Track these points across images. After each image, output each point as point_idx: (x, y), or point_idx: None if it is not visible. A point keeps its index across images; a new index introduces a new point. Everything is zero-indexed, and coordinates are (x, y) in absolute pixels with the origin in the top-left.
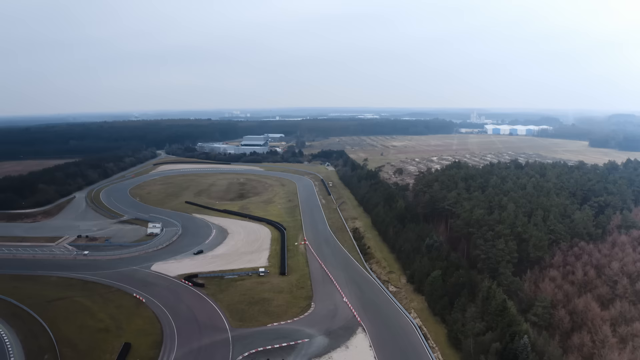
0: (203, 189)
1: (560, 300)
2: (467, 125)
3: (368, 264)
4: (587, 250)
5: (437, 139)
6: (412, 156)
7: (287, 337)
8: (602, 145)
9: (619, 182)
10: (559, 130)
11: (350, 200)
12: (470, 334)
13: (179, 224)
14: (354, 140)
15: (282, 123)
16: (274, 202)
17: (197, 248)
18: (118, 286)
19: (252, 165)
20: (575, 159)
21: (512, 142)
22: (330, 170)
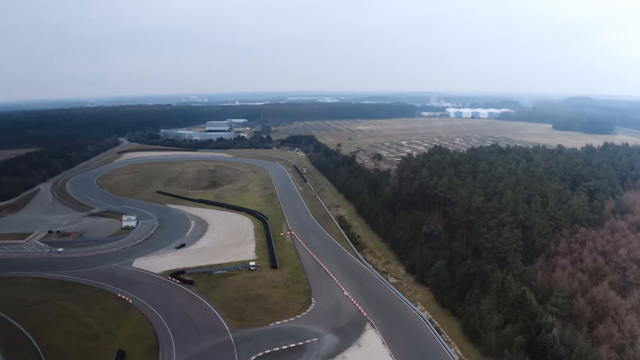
0: (173, 178)
1: (576, 290)
2: (427, 109)
3: (362, 254)
4: (590, 237)
5: (402, 123)
6: (380, 140)
7: (294, 337)
8: (565, 128)
9: (604, 167)
10: (520, 113)
11: (329, 187)
12: (491, 328)
13: (155, 216)
14: (319, 124)
15: (243, 108)
16: (249, 190)
17: (179, 241)
18: (100, 286)
19: (220, 151)
20: (542, 142)
21: (476, 125)
22: (301, 156)
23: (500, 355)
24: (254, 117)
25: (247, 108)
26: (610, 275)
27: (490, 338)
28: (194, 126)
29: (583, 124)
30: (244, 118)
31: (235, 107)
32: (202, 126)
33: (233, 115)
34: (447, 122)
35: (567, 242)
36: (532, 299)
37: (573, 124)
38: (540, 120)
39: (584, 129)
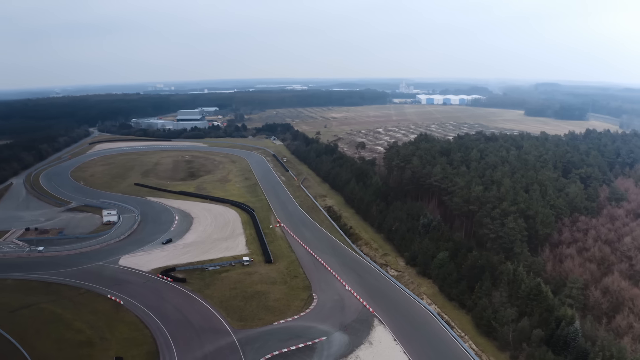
0: (149, 169)
1: (587, 280)
2: (398, 96)
3: (357, 246)
4: (591, 225)
5: (375, 110)
6: (356, 128)
7: (301, 337)
8: (537, 114)
9: (592, 154)
10: (491, 100)
11: (312, 177)
12: (507, 321)
13: (137, 210)
14: (292, 112)
15: (214, 96)
16: (230, 181)
17: (164, 237)
18: (87, 287)
19: (195, 141)
20: (517, 128)
21: (449, 112)
22: (278, 145)
23: (518, 349)
24: (225, 105)
25: (218, 96)
26: (617, 265)
27: (507, 332)
28: (164, 115)
29: (555, 110)
30: (215, 106)
31: (206, 96)
32: (173, 115)
33: (204, 103)
34: (420, 109)
35: (570, 231)
36: (548, 291)
37: (545, 110)
38: (511, 107)
39: (556, 115)
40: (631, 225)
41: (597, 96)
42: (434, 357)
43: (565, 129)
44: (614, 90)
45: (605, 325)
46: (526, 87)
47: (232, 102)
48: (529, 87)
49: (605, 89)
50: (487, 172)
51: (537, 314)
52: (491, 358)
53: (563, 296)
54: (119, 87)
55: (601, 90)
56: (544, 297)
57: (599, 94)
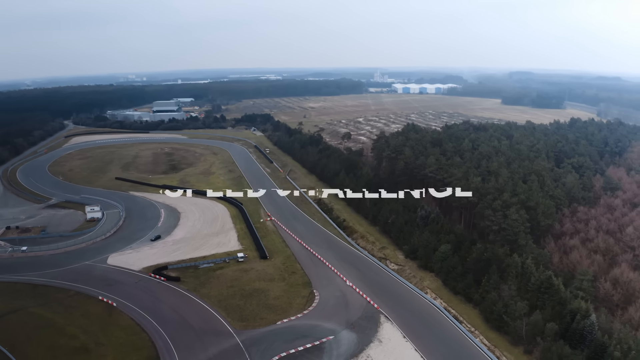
0: (128, 162)
1: (595, 272)
2: (373, 85)
3: (352, 240)
4: (591, 215)
5: (352, 99)
6: (336, 118)
7: (308, 336)
8: (514, 102)
9: (582, 143)
10: (467, 89)
11: (298, 168)
12: (519, 315)
13: (121, 206)
14: (269, 102)
15: (189, 87)
16: (214, 174)
17: (152, 233)
18: (76, 288)
19: (173, 133)
20: (496, 116)
21: (426, 100)
22: (259, 136)
23: (532, 343)
24: (200, 95)
25: (193, 87)
26: (622, 255)
27: (520, 326)
28: (140, 106)
29: (532, 98)
30: (190, 97)
31: (180, 86)
32: (148, 106)
33: (179, 94)
34: (397, 98)
35: (571, 222)
36: (560, 284)
37: (522, 99)
38: (487, 95)
39: (533, 104)
40: (631, 215)
41: (571, 84)
42: (446, 353)
43: (544, 118)
44: (587, 78)
45: (619, 317)
46: (500, 76)
47: (207, 93)
48: (502, 75)
49: (578, 77)
50: (482, 163)
51: (549, 308)
52: (505, 353)
53: (573, 288)
54: (89, 78)
55: (575, 78)
56: (555, 290)
57: (573, 82)
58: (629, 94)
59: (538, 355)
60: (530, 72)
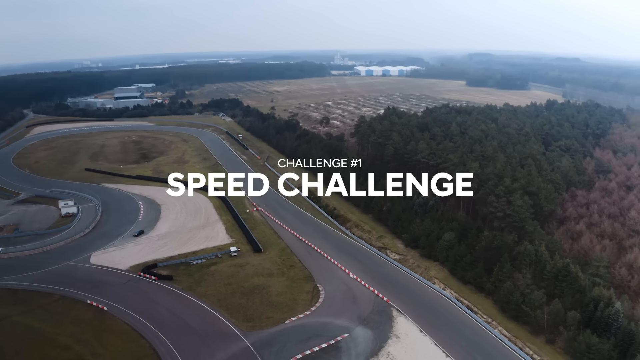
0: (96, 152)
1: (608, 258)
2: (335, 68)
3: (347, 229)
4: (591, 199)
5: (316, 83)
6: (304, 101)
7: (321, 335)
8: (479, 84)
9: (566, 125)
10: (430, 71)
11: (275, 155)
12: (539, 305)
13: (97, 199)
14: (232, 87)
15: (149, 72)
16: (188, 162)
17: (134, 228)
18: (61, 292)
19: (138, 120)
20: (464, 98)
21: (391, 83)
22: (228, 121)
23: (554, 333)
24: (162, 81)
25: (153, 72)
26: (627, 240)
27: (540, 316)
28: (100, 93)
29: (497, 80)
30: (151, 82)
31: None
32: (109, 93)
33: (139, 80)
34: (361, 81)
35: (573, 207)
36: (578, 272)
37: (486, 80)
38: (451, 77)
39: (498, 85)
40: (630, 199)
41: (532, 66)
42: (467, 347)
43: (511, 99)
44: (546, 59)
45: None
46: (460, 58)
47: (169, 78)
48: (462, 57)
49: (538, 58)
50: (474, 147)
51: (569, 296)
52: (527, 344)
53: (589, 275)
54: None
55: (534, 59)
56: (574, 278)
57: (534, 64)
58: (591, 75)
59: (562, 344)
60: (489, 53)
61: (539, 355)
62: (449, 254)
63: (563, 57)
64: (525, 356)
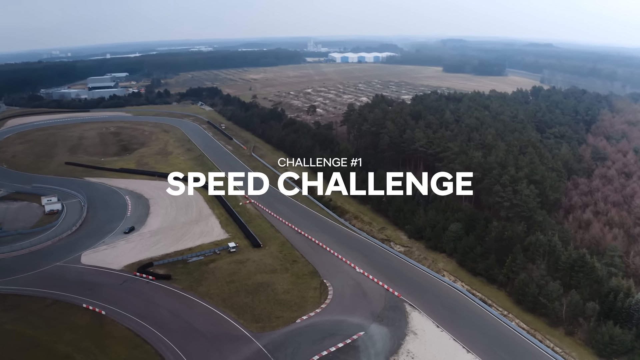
0: (74, 145)
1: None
2: (310, 55)
3: (346, 221)
4: (593, 187)
5: (292, 70)
6: (282, 89)
7: (336, 334)
8: (456, 70)
9: (556, 112)
10: (406, 57)
11: (261, 145)
12: (556, 296)
13: (82, 195)
14: (208, 75)
15: (121, 61)
16: (172, 153)
17: (123, 224)
18: (53, 296)
19: (115, 110)
20: (443, 84)
21: (368, 70)
22: (208, 111)
23: (573, 324)
24: (135, 70)
25: (125, 61)
26: (634, 228)
27: (559, 308)
28: (73, 84)
29: (474, 66)
30: (125, 72)
31: (112, 61)
32: (82, 83)
33: (112, 69)
34: (338, 68)
35: (577, 195)
36: (594, 262)
37: (464, 67)
38: (426, 63)
39: (475, 71)
40: (632, 186)
41: (507, 51)
42: (487, 341)
43: (490, 85)
44: (519, 45)
45: None
46: (433, 44)
47: (142, 67)
48: (436, 43)
49: (510, 44)
50: (472, 136)
51: (586, 287)
52: (547, 336)
53: (603, 265)
54: (11, 56)
55: (507, 45)
56: (590, 269)
57: (507, 49)
58: (567, 60)
59: (582, 336)
60: (462, 39)
61: (560, 348)
62: (456, 245)
63: (536, 42)
64: (546, 349)
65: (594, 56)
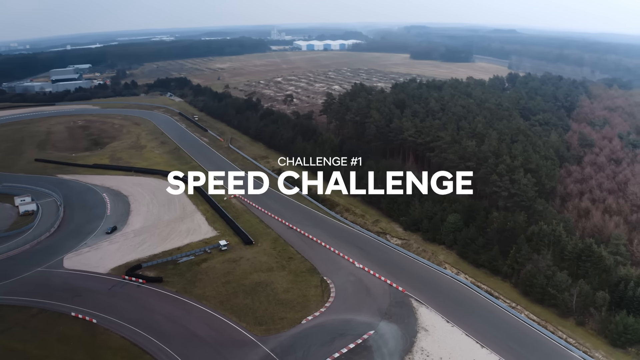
0: (42, 140)
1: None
2: (274, 43)
3: (337, 214)
4: (586, 175)
5: (258, 59)
6: (252, 78)
7: (345, 334)
8: (423, 57)
9: (538, 99)
10: (372, 44)
11: (238, 136)
12: (566, 287)
13: (55, 193)
14: (173, 65)
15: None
16: (145, 147)
17: (104, 223)
18: (38, 304)
19: (82, 103)
20: (413, 71)
21: (335, 57)
22: (178, 102)
23: (584, 314)
24: (98, 61)
25: (87, 52)
26: (631, 215)
27: (568, 298)
28: (35, 76)
29: (441, 52)
30: (88, 63)
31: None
32: (45, 76)
33: (74, 61)
34: (305, 56)
35: (573, 183)
36: (602, 251)
37: (431, 53)
38: (393, 51)
39: (442, 58)
40: (624, 173)
41: (471, 38)
42: (499, 335)
43: (459, 71)
44: (483, 31)
45: None
46: (398, 31)
47: (105, 58)
48: (399, 30)
49: (474, 30)
50: (462, 124)
51: (594, 276)
52: (559, 327)
53: (609, 254)
54: None
55: (471, 31)
56: (598, 258)
57: (471, 36)
58: (532, 46)
59: (594, 326)
60: (425, 26)
61: (573, 339)
62: (456, 236)
63: (499, 28)
64: (560, 340)
65: (559, 42)
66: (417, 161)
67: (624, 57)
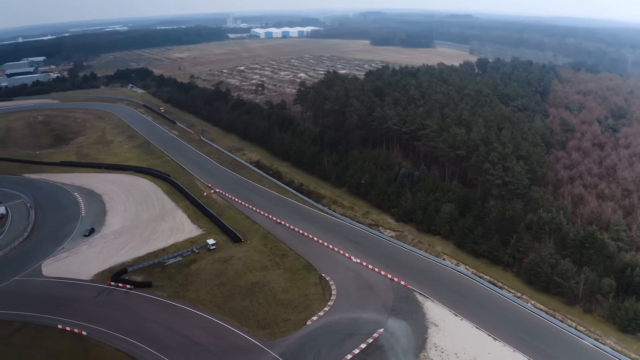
0: (2, 138)
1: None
2: (231, 31)
3: (324, 206)
4: (575, 161)
5: (217, 47)
6: (214, 67)
7: (354, 334)
8: (384, 43)
9: (513, 84)
10: (330, 31)
11: (210, 128)
12: (572, 275)
13: (24, 194)
14: (130, 55)
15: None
16: (113, 142)
17: (80, 225)
18: (20, 318)
19: (40, 97)
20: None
21: (295, 45)
22: (141, 93)
23: (591, 302)
24: (52, 53)
25: (41, 44)
26: (623, 200)
27: (574, 286)
28: None
29: (402, 38)
30: (42, 56)
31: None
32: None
33: (28, 53)
34: (264, 44)
35: (563, 169)
36: (605, 238)
37: (391, 39)
38: (352, 37)
39: (403, 44)
40: (611, 158)
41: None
42: (509, 326)
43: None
44: (439, 16)
45: None
46: (354, 17)
47: (59, 50)
48: (355, 16)
49: (430, 15)
50: (445, 112)
51: (599, 263)
52: (567, 315)
53: (611, 240)
54: None
55: (428, 17)
56: (601, 245)
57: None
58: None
59: (602, 312)
60: (381, 12)
61: (582, 326)
62: (452, 226)
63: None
64: (569, 328)
65: (516, 26)
66: (403, 150)
67: (583, 41)
